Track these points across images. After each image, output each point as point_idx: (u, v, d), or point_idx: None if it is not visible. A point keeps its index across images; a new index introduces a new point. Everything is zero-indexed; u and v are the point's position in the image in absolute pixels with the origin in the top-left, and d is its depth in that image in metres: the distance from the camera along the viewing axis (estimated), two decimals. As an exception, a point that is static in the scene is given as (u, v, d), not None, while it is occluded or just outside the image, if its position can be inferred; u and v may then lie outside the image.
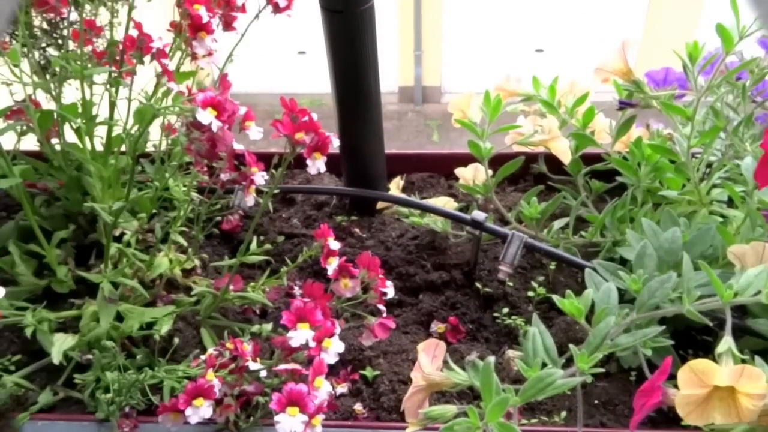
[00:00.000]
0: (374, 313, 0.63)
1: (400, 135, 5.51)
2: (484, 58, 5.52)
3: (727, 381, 0.45)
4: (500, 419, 0.48)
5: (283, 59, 5.76)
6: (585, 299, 0.59)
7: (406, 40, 5.74)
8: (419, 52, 5.85)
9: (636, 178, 0.83)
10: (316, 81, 5.88)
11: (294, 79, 5.77)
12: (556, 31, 5.33)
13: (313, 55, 5.73)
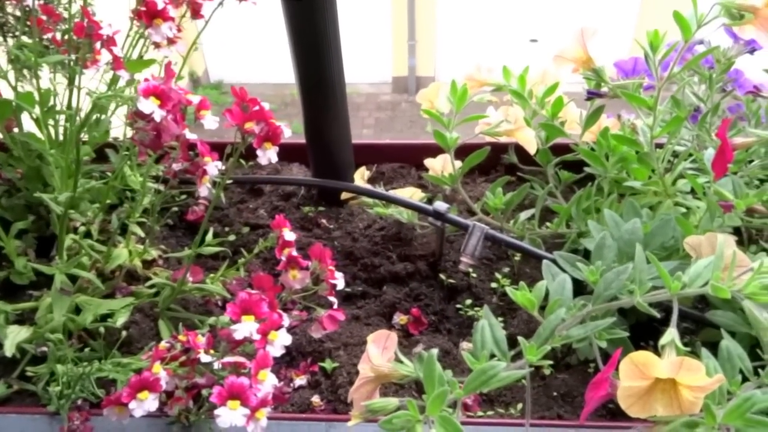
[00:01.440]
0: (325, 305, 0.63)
1: (394, 125, 5.49)
2: (478, 48, 5.49)
3: (667, 373, 0.45)
4: (441, 412, 0.47)
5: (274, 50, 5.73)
6: (538, 291, 0.59)
7: (399, 29, 5.71)
8: (413, 42, 5.81)
9: (603, 168, 0.82)
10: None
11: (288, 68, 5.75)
12: (550, 21, 5.30)
13: (305, 45, 5.69)
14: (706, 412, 0.45)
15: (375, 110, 5.86)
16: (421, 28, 5.71)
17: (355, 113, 5.72)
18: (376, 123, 5.35)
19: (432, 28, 5.72)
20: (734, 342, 0.56)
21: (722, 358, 0.53)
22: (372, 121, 5.31)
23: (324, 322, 0.58)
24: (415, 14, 5.62)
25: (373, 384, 0.55)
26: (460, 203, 0.90)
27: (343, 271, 0.82)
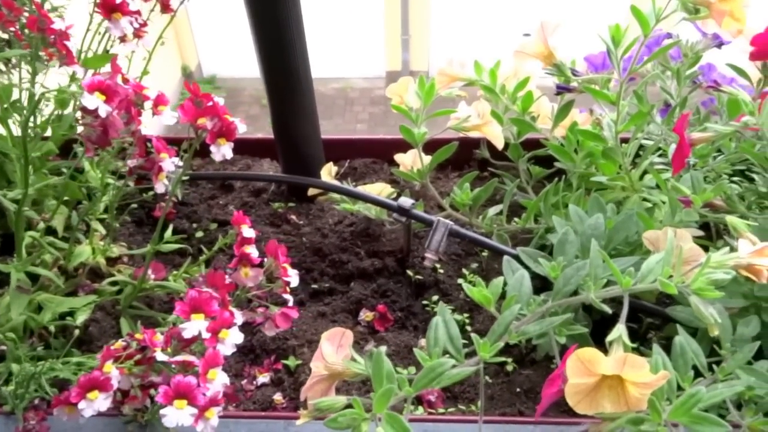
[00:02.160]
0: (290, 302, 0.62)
1: (388, 120, 5.47)
2: (472, 42, 5.47)
3: (612, 370, 0.44)
4: (387, 410, 0.47)
5: (269, 43, 5.70)
6: (495, 287, 0.58)
7: (392, 24, 5.68)
8: (406, 37, 5.79)
9: (572, 163, 0.82)
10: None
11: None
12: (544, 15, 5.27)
13: (299, 40, 5.67)
14: (651, 408, 0.45)
15: (369, 105, 5.84)
16: (415, 23, 5.69)
17: (350, 108, 5.71)
18: (370, 118, 5.34)
19: (426, 23, 5.70)
20: (689, 338, 0.56)
21: (675, 353, 0.53)
22: (366, 116, 5.29)
23: (277, 320, 0.58)
24: (409, 9, 5.60)
25: (327, 382, 0.55)
26: (430, 199, 0.90)
27: (310, 268, 0.82)
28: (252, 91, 6.01)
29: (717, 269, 0.48)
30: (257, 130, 6.06)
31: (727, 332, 0.58)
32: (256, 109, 5.92)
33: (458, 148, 0.96)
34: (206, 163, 0.98)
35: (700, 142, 0.59)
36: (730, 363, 0.55)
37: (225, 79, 5.99)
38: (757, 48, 0.63)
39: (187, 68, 6.07)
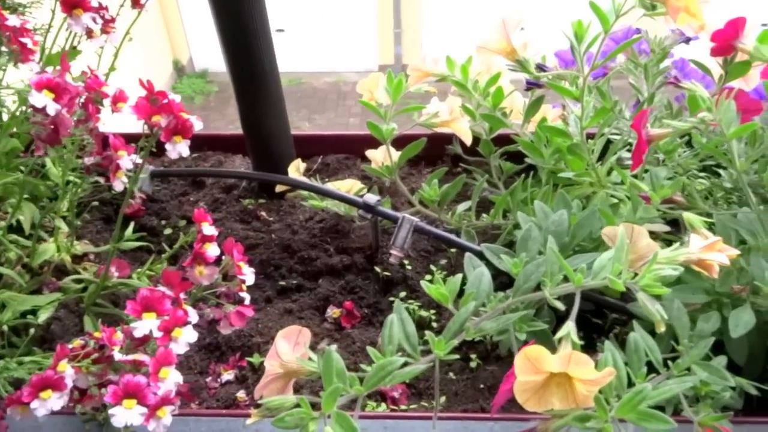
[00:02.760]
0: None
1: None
2: (465, 36, 5.46)
3: (558, 367, 0.44)
4: (337, 408, 0.47)
5: (260, 37, 5.67)
6: (453, 284, 0.58)
7: (385, 17, 5.66)
8: (399, 30, 5.77)
9: (541, 159, 0.82)
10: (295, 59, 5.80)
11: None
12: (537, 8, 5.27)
13: (291, 33, 5.64)
14: (597, 405, 0.45)
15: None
16: (407, 16, 5.67)
17: (342, 102, 5.69)
18: (363, 112, 5.32)
19: (418, 16, 5.68)
20: (645, 334, 0.56)
21: (629, 350, 0.53)
22: (359, 109, 5.28)
23: (232, 318, 0.58)
24: (401, 2, 5.58)
25: (283, 380, 0.55)
26: (401, 195, 0.90)
27: (279, 264, 0.82)
28: (244, 85, 5.99)
29: (666, 265, 0.48)
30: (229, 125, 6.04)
31: (685, 328, 0.58)
32: (248, 103, 5.91)
33: (431, 144, 0.96)
34: (178, 159, 0.97)
35: (658, 138, 0.59)
36: (685, 359, 0.55)
37: (217, 73, 5.96)
38: (717, 44, 0.62)
39: (178, 63, 6.04)
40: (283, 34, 5.69)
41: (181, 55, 5.83)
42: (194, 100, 5.78)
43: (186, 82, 5.91)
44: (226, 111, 5.57)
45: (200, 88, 5.80)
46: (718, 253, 0.50)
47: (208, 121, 5.76)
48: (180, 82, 5.84)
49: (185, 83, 5.88)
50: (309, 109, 5.81)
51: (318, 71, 5.77)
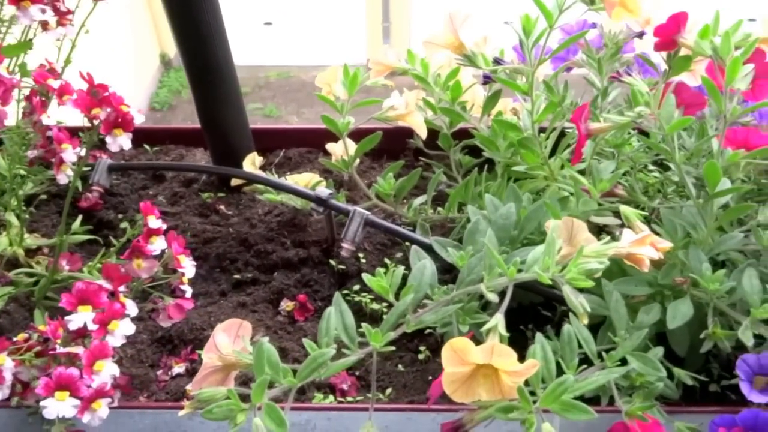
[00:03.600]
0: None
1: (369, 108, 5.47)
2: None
3: (481, 359, 0.45)
4: (266, 400, 0.47)
5: (248, 30, 5.63)
6: (395, 277, 0.59)
7: (373, 10, 5.64)
8: (387, 24, 5.75)
9: (497, 153, 0.82)
10: (283, 53, 5.78)
11: (260, 50, 5.66)
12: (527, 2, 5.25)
13: (279, 27, 5.61)
14: (521, 396, 0.46)
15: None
16: (396, 10, 5.65)
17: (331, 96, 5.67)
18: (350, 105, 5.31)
19: (407, 10, 5.66)
20: (581, 326, 0.56)
21: (563, 341, 0.54)
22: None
23: (170, 310, 0.58)
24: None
25: (222, 373, 0.55)
26: (360, 189, 0.90)
27: (235, 258, 0.82)
28: (232, 78, 5.96)
29: (593, 259, 0.48)
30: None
31: (623, 320, 0.59)
32: (236, 97, 5.88)
33: (394, 137, 0.96)
34: (139, 153, 0.97)
35: (597, 133, 0.60)
36: (619, 350, 0.56)
37: (205, 66, 5.93)
38: (660, 39, 0.63)
39: (165, 56, 5.99)
40: (271, 27, 5.66)
41: (169, 49, 5.78)
42: (181, 93, 5.74)
43: (173, 76, 5.86)
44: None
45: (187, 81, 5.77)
46: (647, 248, 0.51)
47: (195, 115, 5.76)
48: (167, 76, 5.79)
49: (172, 76, 5.84)
50: (298, 102, 5.80)
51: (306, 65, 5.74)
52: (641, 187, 0.81)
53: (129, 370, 0.69)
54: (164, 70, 5.88)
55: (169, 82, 5.84)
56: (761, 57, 0.64)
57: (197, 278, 0.80)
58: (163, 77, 5.83)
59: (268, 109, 5.00)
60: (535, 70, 0.68)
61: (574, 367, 0.52)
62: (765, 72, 0.64)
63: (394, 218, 0.87)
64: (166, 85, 5.68)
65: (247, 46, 5.54)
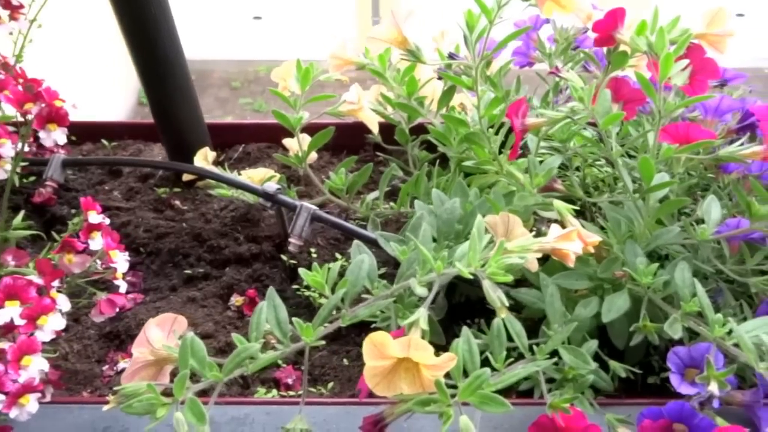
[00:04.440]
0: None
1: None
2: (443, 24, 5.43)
3: (398, 353, 0.45)
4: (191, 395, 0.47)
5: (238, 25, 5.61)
6: (332, 272, 0.59)
7: (363, 5, 5.62)
8: (377, 19, 5.73)
9: (450, 148, 0.82)
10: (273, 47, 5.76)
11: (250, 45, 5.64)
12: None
13: (269, 21, 5.58)
14: (438, 389, 0.46)
15: (339, 88, 5.82)
16: (385, 5, 5.63)
17: (320, 90, 5.65)
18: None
19: (396, 5, 5.65)
20: (513, 319, 0.57)
21: (492, 335, 0.54)
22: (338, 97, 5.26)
23: (102, 306, 0.58)
24: (379, -10, 5.54)
25: (154, 368, 0.55)
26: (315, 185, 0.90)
27: (187, 253, 0.82)
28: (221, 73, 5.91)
29: (515, 254, 0.49)
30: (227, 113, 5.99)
31: (557, 313, 0.60)
32: (225, 92, 5.84)
33: (355, 133, 0.96)
34: (97, 148, 0.97)
35: (533, 128, 0.60)
36: (549, 343, 0.56)
37: (193, 61, 5.81)
38: (599, 35, 0.63)
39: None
40: (260, 22, 5.64)
41: (156, 43, 5.76)
42: (170, 88, 5.73)
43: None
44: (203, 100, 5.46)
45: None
46: (573, 243, 0.51)
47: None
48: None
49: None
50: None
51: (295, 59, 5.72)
52: (591, 182, 0.82)
53: (74, 366, 0.69)
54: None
55: (157, 76, 5.82)
56: (699, 53, 0.65)
57: (148, 273, 0.81)
58: (151, 72, 5.81)
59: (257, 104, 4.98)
60: (478, 66, 0.68)
61: (502, 361, 0.53)
62: (703, 67, 0.65)
63: (348, 213, 0.87)
64: (155, 79, 5.66)
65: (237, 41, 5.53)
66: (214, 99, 5.76)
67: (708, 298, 0.55)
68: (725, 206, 0.69)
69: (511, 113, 0.58)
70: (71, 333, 0.72)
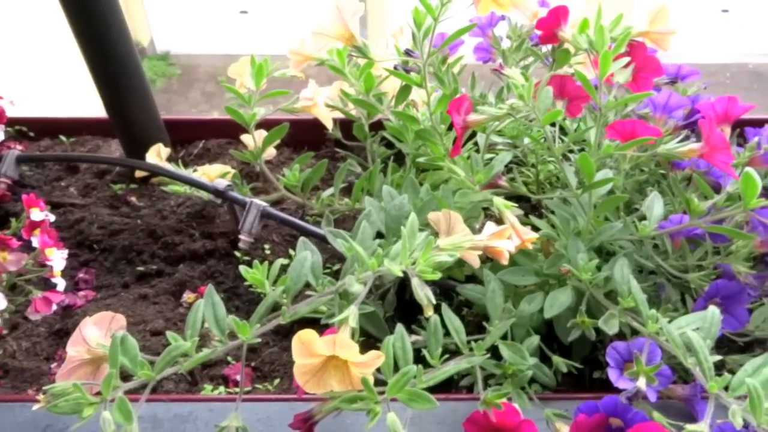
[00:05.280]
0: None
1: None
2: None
3: (324, 351, 0.45)
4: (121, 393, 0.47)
5: (224, 19, 5.57)
6: (273, 268, 0.59)
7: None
8: (364, 13, 5.71)
9: (406, 144, 0.82)
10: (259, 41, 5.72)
11: (236, 39, 5.59)
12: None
13: (255, 15, 5.55)
14: (365, 386, 0.46)
15: (328, 82, 5.80)
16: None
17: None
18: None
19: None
20: (453, 316, 0.57)
21: (429, 331, 0.54)
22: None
23: (37, 304, 0.58)
24: (365, -17, 5.52)
25: (91, 366, 0.55)
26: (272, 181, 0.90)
27: (141, 250, 0.81)
28: (208, 68, 5.87)
29: (445, 252, 0.49)
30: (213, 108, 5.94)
31: (498, 309, 0.60)
32: (212, 86, 5.79)
33: (315, 129, 0.96)
34: (55, 144, 0.96)
35: (473, 125, 0.60)
36: (487, 339, 0.56)
37: (179, 55, 5.84)
38: (543, 32, 0.63)
39: (139, 44, 5.90)
40: (247, 16, 5.60)
41: (142, 37, 5.70)
42: (156, 83, 5.67)
43: (147, 65, 5.77)
44: (189, 94, 5.48)
45: (162, 70, 5.68)
46: (506, 241, 0.51)
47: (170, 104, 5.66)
48: (140, 65, 5.73)
49: (146, 66, 5.75)
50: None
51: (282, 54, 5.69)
52: (544, 179, 0.82)
53: (21, 363, 0.69)
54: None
55: (142, 71, 5.77)
56: (642, 51, 0.65)
57: (101, 270, 0.80)
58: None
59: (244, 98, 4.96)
60: (426, 62, 0.68)
61: (437, 357, 0.53)
62: (646, 65, 0.65)
63: (304, 210, 0.87)
64: (140, 74, 5.61)
65: (223, 35, 5.49)
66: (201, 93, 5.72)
67: (643, 294, 0.55)
68: (674, 203, 0.69)
69: (451, 109, 0.58)
70: (20, 330, 0.72)
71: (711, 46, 5.14)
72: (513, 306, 0.64)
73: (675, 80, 0.80)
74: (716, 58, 5.13)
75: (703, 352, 0.46)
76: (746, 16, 5.22)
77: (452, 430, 0.59)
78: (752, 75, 5.23)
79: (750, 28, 5.22)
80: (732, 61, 5.24)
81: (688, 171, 0.74)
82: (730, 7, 5.32)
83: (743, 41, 5.24)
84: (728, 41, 5.25)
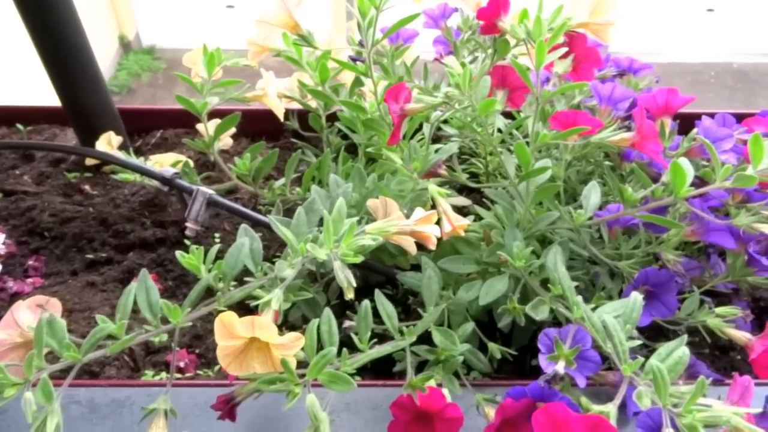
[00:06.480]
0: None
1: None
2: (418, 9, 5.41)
3: (244, 333, 0.46)
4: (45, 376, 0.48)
5: (210, 13, 5.53)
6: (209, 254, 0.59)
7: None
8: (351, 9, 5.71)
9: (358, 134, 0.83)
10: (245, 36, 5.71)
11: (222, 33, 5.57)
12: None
13: (241, 9, 5.52)
14: (285, 368, 0.47)
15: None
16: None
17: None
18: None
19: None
20: (386, 301, 0.58)
21: (359, 316, 0.55)
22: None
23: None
24: (353, -21, 5.51)
25: (24, 350, 0.55)
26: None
27: (92, 238, 0.82)
28: (195, 62, 5.85)
29: (369, 236, 0.49)
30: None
31: (433, 296, 0.61)
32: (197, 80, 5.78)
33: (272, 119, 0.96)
34: (12, 132, 0.95)
35: (411, 113, 0.60)
36: (419, 325, 0.57)
37: (165, 49, 5.81)
38: (484, 23, 0.64)
39: (124, 38, 5.85)
40: (233, 10, 5.57)
41: (128, 30, 5.66)
42: (141, 77, 5.63)
43: (132, 59, 5.73)
44: (175, 89, 5.45)
45: (147, 64, 5.64)
46: (433, 226, 0.52)
47: (155, 99, 5.62)
48: (126, 59, 5.67)
49: (131, 59, 5.71)
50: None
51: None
52: (493, 169, 0.83)
53: (-38, 350, 0.69)
54: (123, 52, 5.75)
55: (128, 65, 5.71)
56: (582, 42, 0.66)
57: (51, 258, 0.80)
58: (122, 60, 5.70)
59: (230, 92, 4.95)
60: (370, 52, 0.68)
61: (366, 341, 0.54)
62: (586, 56, 0.66)
63: (257, 199, 0.87)
64: (125, 67, 5.55)
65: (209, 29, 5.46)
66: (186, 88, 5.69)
67: (571, 281, 0.56)
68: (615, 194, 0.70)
69: (388, 98, 0.59)
70: (-36, 317, 0.72)
71: (696, 45, 5.18)
72: (453, 294, 0.65)
73: (623, 73, 0.81)
74: (701, 57, 5.17)
75: (618, 335, 0.47)
76: (731, 15, 5.26)
77: (387, 414, 0.60)
78: (737, 74, 5.28)
79: (735, 28, 5.26)
80: (717, 60, 5.28)
81: (636, 162, 0.75)
82: (716, 6, 5.36)
83: (728, 40, 5.28)
84: (713, 40, 5.29)
